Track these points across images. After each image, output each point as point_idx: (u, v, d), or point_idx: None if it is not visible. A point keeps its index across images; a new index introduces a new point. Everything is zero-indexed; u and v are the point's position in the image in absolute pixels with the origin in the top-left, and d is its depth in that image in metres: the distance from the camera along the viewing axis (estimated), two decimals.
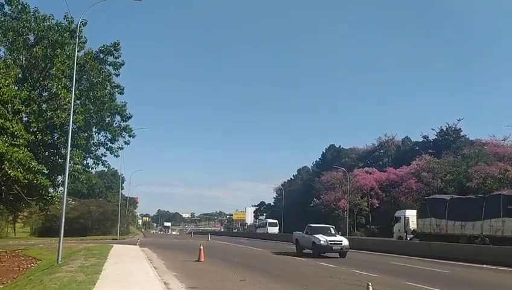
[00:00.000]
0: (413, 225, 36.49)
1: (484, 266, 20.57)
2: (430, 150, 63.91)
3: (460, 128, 67.70)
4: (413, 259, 24.05)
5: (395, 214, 41.68)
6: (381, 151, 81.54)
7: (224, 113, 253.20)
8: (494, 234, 27.17)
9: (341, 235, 28.03)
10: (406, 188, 59.59)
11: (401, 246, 32.00)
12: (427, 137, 71.24)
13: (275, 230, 70.53)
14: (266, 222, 79.42)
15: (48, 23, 24.39)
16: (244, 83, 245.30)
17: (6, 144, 18.68)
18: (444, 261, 22.80)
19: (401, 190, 60.38)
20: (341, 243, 23.58)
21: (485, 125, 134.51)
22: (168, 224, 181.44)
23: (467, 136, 66.99)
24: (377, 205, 64.85)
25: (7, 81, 19.14)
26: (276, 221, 76.44)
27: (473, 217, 28.92)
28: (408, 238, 36.15)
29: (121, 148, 27.78)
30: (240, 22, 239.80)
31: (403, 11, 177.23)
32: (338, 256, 23.50)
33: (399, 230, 38.64)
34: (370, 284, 8.07)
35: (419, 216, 35.62)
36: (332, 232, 25.39)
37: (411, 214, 38.21)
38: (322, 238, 23.32)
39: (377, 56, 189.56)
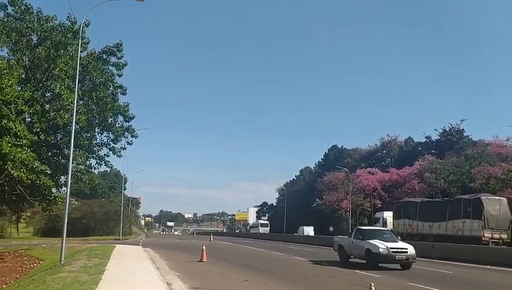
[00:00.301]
0: (390, 225, 40.46)
1: (488, 267, 20.53)
2: (433, 151, 63.72)
3: (463, 129, 67.50)
4: (416, 260, 23.98)
5: (375, 215, 46.91)
6: (384, 151, 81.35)
7: (227, 113, 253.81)
8: (456, 233, 31.19)
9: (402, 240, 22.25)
10: (409, 188, 59.41)
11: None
12: (430, 137, 71.06)
13: (266, 230, 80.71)
14: (258, 223, 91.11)
15: (51, 23, 24.41)
16: (246, 83, 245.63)
17: (10, 145, 18.71)
18: (446, 261, 22.78)
19: (404, 191, 60.19)
20: (406, 252, 17.92)
21: (488, 126, 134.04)
22: (171, 224, 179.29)
23: (470, 137, 66.76)
24: (380, 206, 64.64)
25: (10, 82, 19.16)
26: (267, 222, 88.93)
27: (439, 218, 33.13)
28: None
29: (124, 149, 27.80)
30: (240, 22, 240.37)
31: (405, 11, 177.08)
32: (400, 268, 18.15)
33: None
34: (372, 284, 8.07)
35: (394, 217, 40.20)
36: (391, 237, 19.93)
37: (388, 215, 42.98)
38: (381, 245, 17.72)
39: (379, 56, 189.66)
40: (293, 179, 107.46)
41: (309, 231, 64.29)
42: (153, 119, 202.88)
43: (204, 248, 20.32)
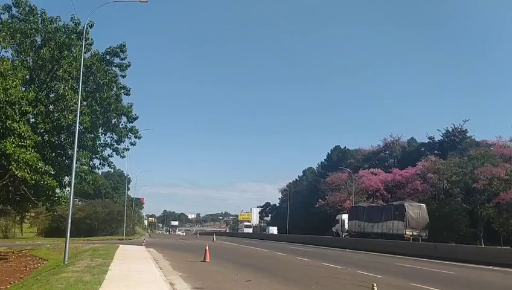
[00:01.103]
0: (347, 225, 49.78)
1: (490, 267, 20.52)
2: (435, 151, 63.59)
3: (466, 129, 67.29)
4: (418, 260, 24.04)
5: (336, 217, 55.19)
6: (387, 152, 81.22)
7: (231, 114, 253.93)
8: (388, 232, 39.90)
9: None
10: (412, 189, 59.29)
11: (406, 247, 32.06)
12: (433, 138, 70.92)
13: (249, 230, 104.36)
14: (243, 225, 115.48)
15: (55, 25, 24.52)
16: (251, 84, 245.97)
17: (14, 145, 18.81)
18: (450, 262, 22.77)
19: (407, 191, 60.08)
20: None
21: (491, 127, 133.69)
22: (176, 223, 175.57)
23: (473, 137, 66.57)
24: None
25: (14, 83, 19.24)
26: (250, 223, 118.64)
27: (378, 220, 42.21)
28: (343, 235, 49.63)
29: (127, 149, 27.87)
30: (244, 21, 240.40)
31: (409, 10, 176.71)
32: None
33: (338, 229, 52.96)
34: (375, 285, 8.07)
35: (349, 219, 49.45)
36: None
37: (346, 217, 51.12)
38: None
39: (383, 57, 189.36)
40: (296, 179, 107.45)
41: (273, 230, 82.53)
42: (156, 119, 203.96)
43: (207, 248, 20.38)
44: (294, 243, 48.12)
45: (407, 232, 37.60)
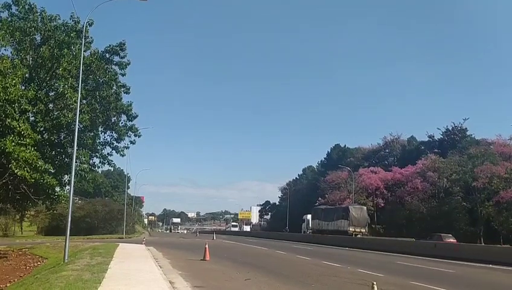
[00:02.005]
0: (310, 224, 58.63)
1: (490, 265, 20.53)
2: (435, 150, 63.67)
3: (466, 128, 67.41)
4: (418, 259, 24.03)
5: (303, 217, 64.30)
6: (387, 150, 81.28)
7: (232, 112, 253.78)
8: (338, 229, 48.10)
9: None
10: (412, 187, 59.41)
11: (406, 245, 32.14)
12: (433, 136, 71.03)
13: (236, 229, 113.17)
14: (231, 225, 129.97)
15: (55, 23, 24.49)
16: (250, 82, 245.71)
17: (13, 144, 18.79)
18: (449, 260, 22.79)
19: (407, 190, 60.21)
20: None
21: (491, 125, 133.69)
22: (177, 220, 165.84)
23: (472, 136, 66.72)
24: (382, 205, 64.71)
25: (14, 81, 19.23)
26: (236, 224, 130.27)
27: (331, 219, 51.07)
28: (308, 232, 58.46)
29: (127, 148, 27.84)
30: (249, 19, 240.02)
31: (409, 8, 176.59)
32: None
33: (304, 227, 62.87)
34: (375, 283, 8.07)
35: (312, 218, 58.19)
36: None
37: (310, 217, 59.92)
38: None
39: (383, 55, 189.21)
40: (296, 178, 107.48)
41: (246, 228, 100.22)
42: (156, 118, 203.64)
43: (207, 246, 20.36)
44: (294, 241, 48.13)
45: (350, 229, 46.21)
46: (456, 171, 55.04)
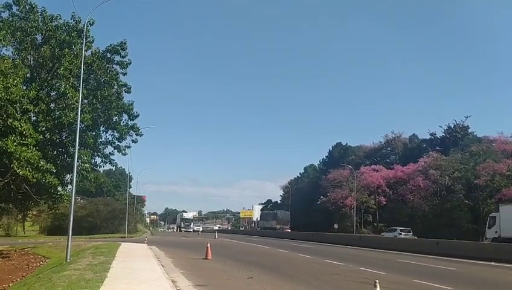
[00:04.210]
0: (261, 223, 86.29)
1: (493, 263, 20.52)
2: (437, 148, 63.55)
3: (468, 126, 67.27)
4: (420, 257, 24.03)
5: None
6: (388, 148, 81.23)
7: (232, 111, 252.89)
8: (271, 227, 75.78)
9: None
10: (413, 185, 59.35)
11: (407, 243, 32.13)
12: (435, 134, 70.88)
13: (217, 227, 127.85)
14: (215, 228, 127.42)
15: (56, 23, 24.52)
16: (251, 81, 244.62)
17: (15, 144, 18.81)
18: (451, 258, 22.79)
19: (409, 188, 60.15)
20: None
21: (493, 123, 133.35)
22: (189, 215, 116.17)
23: (474, 133, 66.56)
24: (384, 203, 64.69)
25: (15, 81, 19.25)
26: (219, 226, 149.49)
27: (268, 219, 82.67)
28: (258, 229, 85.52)
29: (129, 147, 27.86)
30: (250, 18, 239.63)
31: (411, 6, 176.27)
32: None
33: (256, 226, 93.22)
34: (377, 281, 8.07)
35: (259, 219, 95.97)
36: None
37: (258, 217, 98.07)
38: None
39: (384, 53, 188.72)
40: (298, 176, 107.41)
41: (199, 228, 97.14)
42: (157, 117, 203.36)
43: (209, 245, 20.40)
44: (296, 240, 48.19)
45: (278, 227, 74.07)
46: (458, 169, 54.96)
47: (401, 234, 44.24)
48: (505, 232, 29.89)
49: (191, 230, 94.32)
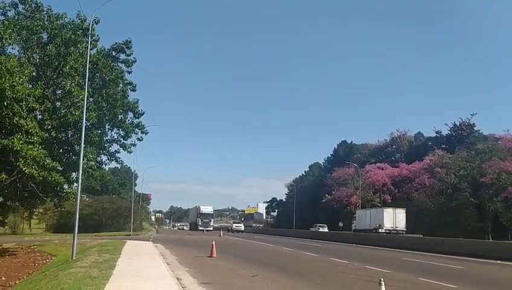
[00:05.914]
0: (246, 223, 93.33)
1: (499, 262, 20.41)
2: (443, 146, 63.35)
3: (473, 123, 66.96)
4: (426, 255, 23.95)
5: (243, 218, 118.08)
6: (394, 146, 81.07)
7: (239, 110, 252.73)
8: (251, 226, 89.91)
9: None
10: (419, 183, 59.17)
11: (414, 242, 32.02)
12: (440, 132, 70.66)
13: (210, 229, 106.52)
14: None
15: (61, 21, 24.57)
16: (257, 80, 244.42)
17: (21, 142, 18.88)
18: (457, 257, 22.67)
19: (414, 186, 59.99)
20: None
21: (499, 120, 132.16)
22: (208, 209, 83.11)
23: (480, 131, 66.24)
24: (390, 201, 64.52)
25: (21, 80, 19.29)
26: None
27: (250, 219, 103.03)
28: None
29: (134, 145, 27.96)
30: (252, 18, 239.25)
31: (414, 4, 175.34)
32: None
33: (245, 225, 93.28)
34: (382, 280, 8.04)
35: (244, 220, 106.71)
36: None
37: (243, 219, 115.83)
38: None
39: (389, 51, 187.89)
40: (303, 174, 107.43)
41: (184, 226, 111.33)
42: (162, 115, 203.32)
43: (214, 243, 20.41)
44: (300, 237, 48.20)
45: (254, 225, 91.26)
46: (463, 167, 54.72)
47: (319, 228, 60.29)
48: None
49: (211, 228, 76.98)
